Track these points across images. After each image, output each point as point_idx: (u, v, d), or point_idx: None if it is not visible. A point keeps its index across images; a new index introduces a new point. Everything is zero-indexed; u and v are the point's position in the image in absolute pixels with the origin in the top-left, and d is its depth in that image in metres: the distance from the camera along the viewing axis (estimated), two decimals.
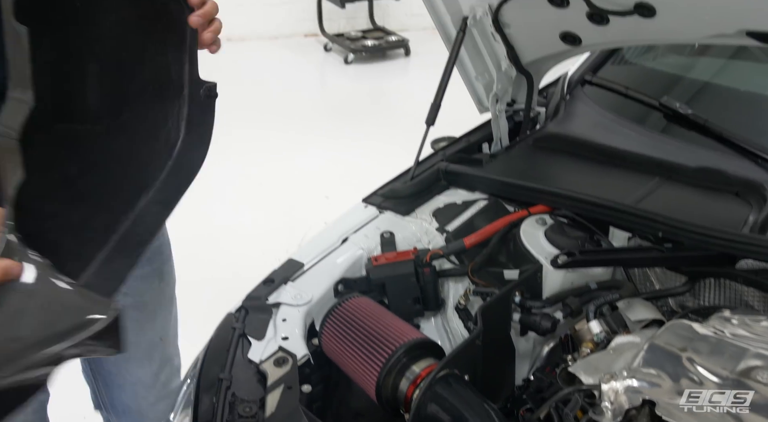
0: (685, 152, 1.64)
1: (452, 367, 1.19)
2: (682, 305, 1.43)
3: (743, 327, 1.19)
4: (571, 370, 1.18)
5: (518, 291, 1.36)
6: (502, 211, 1.62)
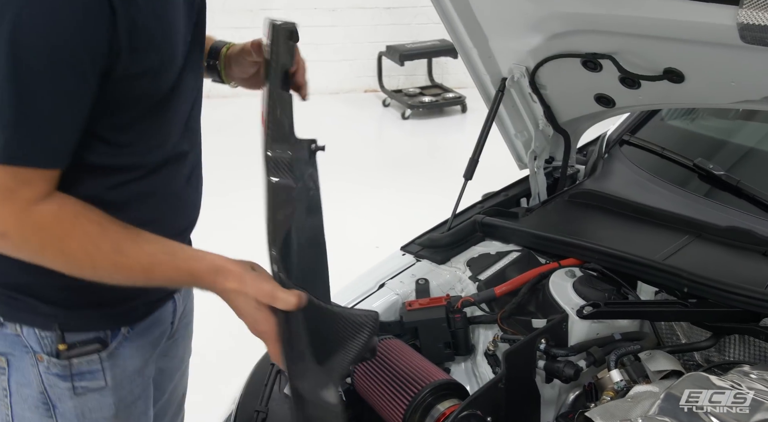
0: (716, 212, 1.69)
1: (475, 408, 1.25)
2: (707, 359, 1.46)
3: (761, 382, 1.22)
4: (588, 415, 1.23)
5: (544, 338, 1.42)
6: (534, 262, 1.69)
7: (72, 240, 1.00)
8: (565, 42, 1.64)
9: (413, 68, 6.92)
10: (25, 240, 0.99)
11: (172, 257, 1.06)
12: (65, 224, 1.00)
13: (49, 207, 0.98)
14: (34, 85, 0.92)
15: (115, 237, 1.03)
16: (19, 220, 0.96)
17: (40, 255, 1.01)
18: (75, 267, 1.02)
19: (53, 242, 1.00)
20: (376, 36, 6.65)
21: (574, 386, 1.49)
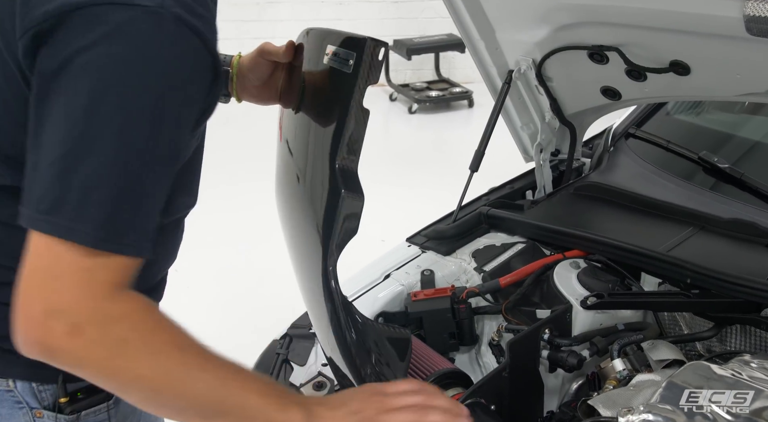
0: (720, 204, 1.70)
1: (479, 396, 1.27)
2: (708, 349, 1.47)
3: (761, 371, 1.23)
4: (591, 403, 1.25)
5: (547, 328, 1.43)
6: (539, 253, 1.70)
7: (159, 335, 0.84)
8: (571, 34, 1.65)
9: (420, 63, 6.93)
10: (103, 335, 0.79)
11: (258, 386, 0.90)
12: (149, 319, 0.84)
13: (129, 296, 0.83)
14: (143, 160, 0.81)
15: (198, 347, 0.88)
16: (97, 309, 0.79)
17: (118, 357, 0.81)
18: (162, 373, 0.83)
19: (141, 336, 0.82)
20: (383, 30, 6.65)
21: (577, 375, 1.51)
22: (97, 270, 0.80)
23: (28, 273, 0.80)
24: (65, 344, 0.78)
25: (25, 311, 0.79)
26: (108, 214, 0.80)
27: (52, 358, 0.80)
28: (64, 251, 0.79)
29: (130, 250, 0.82)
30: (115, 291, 0.81)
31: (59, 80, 0.80)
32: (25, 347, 0.80)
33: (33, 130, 0.83)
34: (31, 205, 0.80)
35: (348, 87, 1.03)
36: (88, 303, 0.79)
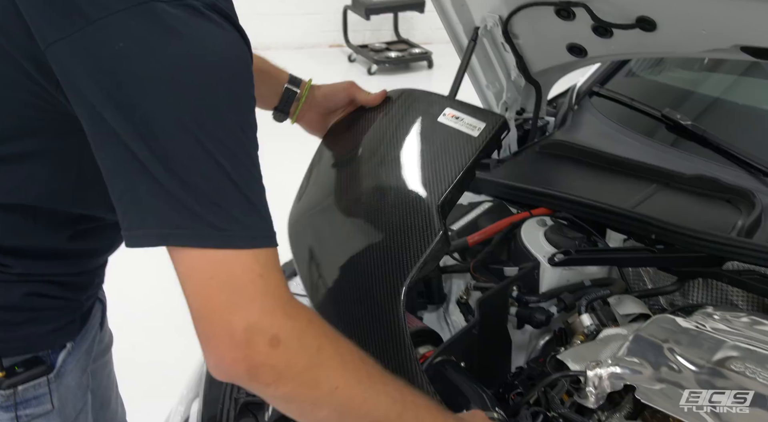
0: (684, 161, 1.71)
1: (449, 354, 1.28)
2: (671, 303, 1.50)
3: (724, 322, 1.26)
4: (560, 358, 1.26)
5: (516, 286, 1.44)
6: (506, 212, 1.70)
7: (341, 342, 0.82)
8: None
9: (379, 23, 6.84)
10: (302, 343, 0.76)
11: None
12: (327, 324, 0.82)
13: (297, 299, 0.81)
14: (246, 150, 0.81)
15: (367, 357, 0.86)
16: (287, 317, 0.76)
17: (316, 367, 0.77)
18: (353, 384, 0.80)
19: (329, 343, 0.80)
20: None
21: (544, 331, 1.52)
22: (267, 273, 0.77)
23: (205, 294, 0.75)
24: (268, 358, 0.74)
25: (225, 332, 0.74)
26: (247, 210, 0.78)
27: (253, 376, 0.76)
28: (232, 260, 0.75)
29: (273, 240, 0.80)
30: (289, 293, 0.79)
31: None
32: (229, 368, 0.76)
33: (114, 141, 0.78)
34: (164, 221, 0.76)
35: (468, 147, 1.28)
36: (277, 311, 0.76)
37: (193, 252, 0.76)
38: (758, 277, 1.33)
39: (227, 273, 0.75)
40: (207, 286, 0.75)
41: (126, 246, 0.80)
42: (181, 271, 0.78)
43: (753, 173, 1.60)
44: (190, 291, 0.77)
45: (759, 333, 1.21)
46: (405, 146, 1.34)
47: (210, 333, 0.76)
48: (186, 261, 0.77)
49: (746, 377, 1.11)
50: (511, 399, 1.29)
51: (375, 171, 1.36)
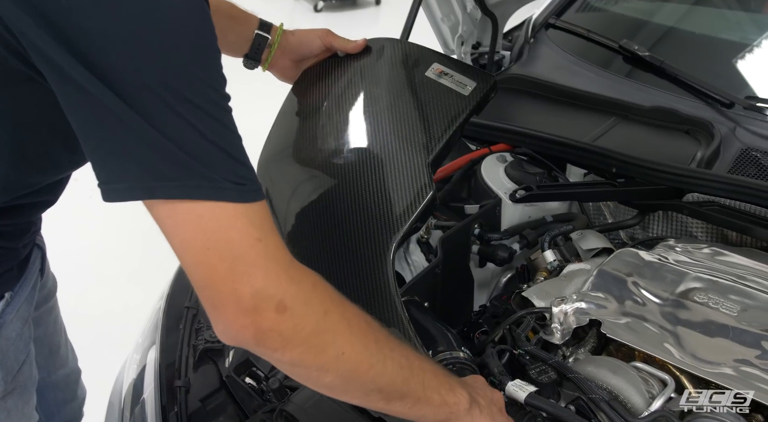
0: (641, 93, 1.69)
1: (413, 294, 1.25)
2: (632, 237, 1.50)
3: (686, 254, 1.26)
4: (525, 295, 1.25)
5: (477, 224, 1.42)
6: (465, 148, 1.67)
7: (347, 306, 0.79)
8: None
9: None
10: (308, 307, 0.73)
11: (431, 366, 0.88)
12: (331, 287, 0.78)
13: (298, 262, 0.76)
14: (221, 105, 0.75)
15: (373, 321, 0.84)
16: (292, 280, 0.73)
17: (324, 331, 0.75)
18: (361, 349, 0.78)
19: (335, 306, 0.77)
20: None
21: (506, 269, 1.51)
22: (265, 236, 0.73)
23: (206, 265, 0.71)
24: (275, 324, 0.71)
25: (232, 300, 0.71)
26: (232, 164, 0.73)
27: (260, 341, 0.72)
28: (226, 221, 0.71)
29: (262, 193, 0.75)
30: (290, 256, 0.75)
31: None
32: (237, 334, 0.72)
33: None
34: (149, 172, 0.70)
35: (460, 105, 1.23)
36: (281, 276, 0.72)
37: (181, 206, 0.71)
38: (718, 208, 1.33)
39: (225, 241, 0.71)
40: (206, 257, 0.71)
41: (103, 201, 0.73)
42: (168, 229, 0.72)
43: (710, 103, 1.59)
44: (189, 261, 0.72)
45: (720, 263, 1.22)
46: (390, 99, 1.27)
47: (217, 301, 0.72)
48: (173, 217, 0.71)
49: (709, 307, 1.12)
50: (476, 337, 1.28)
51: (359, 124, 1.27)
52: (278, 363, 0.77)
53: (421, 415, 0.85)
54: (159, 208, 0.72)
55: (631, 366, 1.07)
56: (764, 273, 1.17)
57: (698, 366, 1.03)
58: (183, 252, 0.73)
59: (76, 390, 1.46)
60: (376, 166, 1.17)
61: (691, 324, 1.09)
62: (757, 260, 1.21)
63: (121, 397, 1.30)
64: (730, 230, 1.34)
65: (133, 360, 1.35)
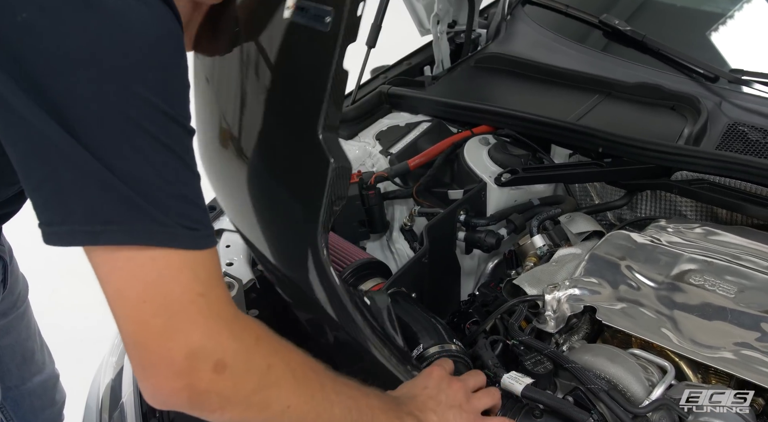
0: (624, 69, 1.66)
1: (399, 285, 1.20)
2: (620, 218, 1.47)
3: (678, 235, 1.23)
4: (516, 283, 1.21)
5: (462, 209, 1.37)
6: (446, 132, 1.62)
7: (293, 355, 0.75)
8: None
9: None
10: (250, 364, 0.69)
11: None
12: (276, 338, 0.74)
13: (241, 312, 0.72)
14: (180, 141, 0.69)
15: (318, 365, 0.80)
16: (233, 337, 0.68)
17: (266, 387, 0.70)
18: (306, 399, 0.74)
19: (279, 358, 0.72)
20: None
21: (493, 255, 1.48)
22: (208, 290, 0.67)
23: (139, 319, 0.64)
24: (213, 385, 0.66)
25: (163, 361, 0.65)
26: (185, 204, 0.67)
27: (196, 404, 0.67)
28: (175, 269, 0.65)
29: (214, 239, 0.69)
30: (234, 309, 0.69)
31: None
32: (168, 398, 0.67)
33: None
34: (93, 215, 0.64)
35: (326, 48, 0.86)
36: (222, 333, 0.67)
37: (121, 253, 0.64)
38: (708, 186, 1.30)
39: (164, 294, 0.65)
40: (139, 311, 0.65)
41: (45, 244, 0.67)
42: (102, 275, 0.66)
43: (695, 78, 1.56)
44: (120, 313, 0.66)
45: (714, 243, 1.19)
46: (260, 66, 1.03)
47: (146, 361, 0.66)
48: (110, 262, 0.65)
49: (706, 290, 1.09)
50: (467, 328, 1.25)
51: (239, 120, 1.10)
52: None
53: None
54: (97, 252, 0.66)
55: (629, 353, 1.04)
56: (759, 252, 1.15)
57: (697, 351, 1.00)
58: (115, 303, 0.66)
59: (54, 395, 1.40)
60: (271, 161, 1.04)
61: (688, 308, 1.06)
62: (750, 238, 1.18)
63: (99, 401, 1.24)
64: (721, 208, 1.31)
65: (110, 364, 1.29)
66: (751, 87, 1.52)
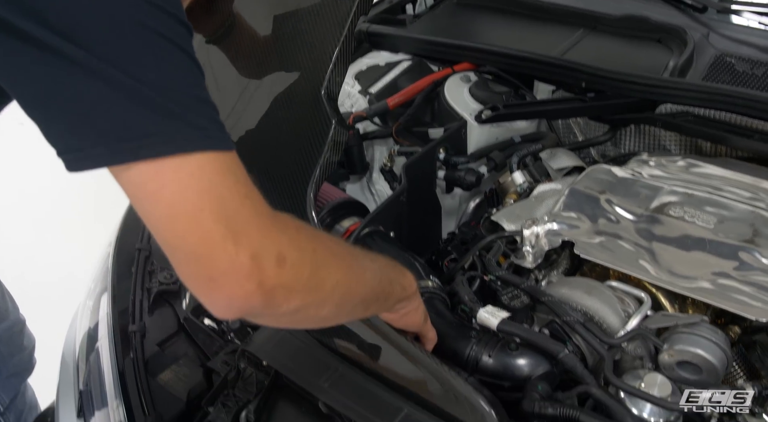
0: (609, 1, 1.61)
1: (377, 224, 1.18)
2: (603, 154, 1.44)
3: (660, 168, 1.21)
4: (494, 219, 1.19)
5: (442, 148, 1.35)
6: (427, 70, 1.58)
7: (325, 237, 0.78)
8: None
9: None
10: (302, 252, 0.70)
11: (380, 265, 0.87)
12: (304, 224, 0.74)
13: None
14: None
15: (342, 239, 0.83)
16: (281, 230, 0.68)
17: (318, 269, 0.72)
18: (346, 273, 0.77)
19: (319, 241, 0.74)
20: None
21: (474, 194, 1.45)
22: (250, 191, 0.67)
23: (200, 230, 0.62)
24: (279, 278, 0.67)
25: (233, 267, 0.64)
26: (209, 105, 0.65)
27: (269, 301, 0.67)
28: (219, 173, 0.64)
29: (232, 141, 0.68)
30: (268, 205, 0.69)
31: None
32: (244, 303, 0.66)
33: None
34: (129, 129, 0.61)
35: (339, 11, 0.96)
36: (272, 229, 0.67)
37: (167, 165, 0.61)
38: (692, 118, 1.27)
39: (218, 201, 0.64)
40: (200, 220, 0.63)
41: (71, 171, 0.63)
42: (149, 194, 0.62)
43: (683, 9, 1.51)
44: (179, 229, 0.63)
45: (696, 176, 1.17)
46: (277, 25, 1.10)
47: (215, 271, 0.64)
48: (157, 179, 0.62)
49: (685, 221, 1.07)
50: (445, 266, 1.23)
51: (261, 67, 1.15)
52: (280, 317, 0.72)
53: (387, 307, 0.88)
54: (137, 171, 0.61)
55: (605, 285, 1.02)
56: (741, 183, 1.13)
57: (675, 281, 0.98)
58: (169, 221, 0.63)
59: (22, 340, 1.39)
60: (284, 109, 1.08)
61: (667, 240, 1.05)
62: (733, 170, 1.16)
63: (75, 345, 1.24)
64: (705, 140, 1.29)
65: (86, 307, 1.28)
66: (740, 16, 1.47)
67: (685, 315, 0.96)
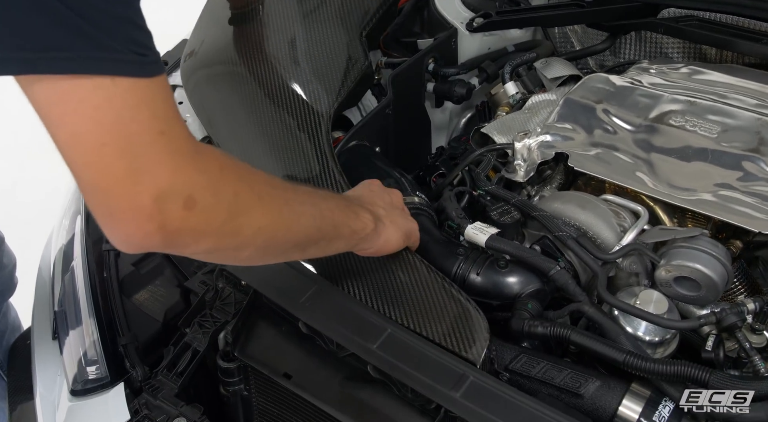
0: None
1: (362, 138, 1.12)
2: (601, 64, 1.37)
3: (660, 76, 1.14)
4: (484, 131, 1.13)
5: (431, 58, 1.27)
6: None
7: (255, 177, 0.73)
8: None
9: None
10: (218, 196, 0.66)
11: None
12: (237, 162, 0.71)
13: (200, 142, 0.67)
14: None
15: (279, 179, 0.79)
16: (198, 170, 0.64)
17: (237, 215, 0.68)
18: (275, 217, 0.73)
19: (245, 184, 0.69)
20: None
21: (465, 108, 1.39)
22: (169, 126, 0.62)
23: (100, 164, 0.58)
24: (185, 222, 0.63)
25: (132, 206, 0.60)
26: (135, 27, 0.60)
27: (170, 243, 0.64)
28: (132, 106, 0.59)
29: (162, 68, 0.62)
30: (194, 142, 0.65)
31: None
32: (141, 242, 0.63)
33: None
34: (32, 39, 0.55)
35: None
36: (187, 168, 0.63)
37: (74, 90, 0.56)
38: (696, 22, 1.19)
39: (125, 135, 0.59)
40: (101, 154, 0.58)
41: None
42: (54, 118, 0.58)
43: None
44: (78, 160, 0.59)
45: (699, 83, 1.10)
46: None
47: (113, 208, 0.61)
48: (62, 103, 0.57)
49: (686, 131, 1.01)
50: (433, 181, 1.18)
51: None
52: (192, 255, 0.69)
53: (334, 250, 0.85)
54: (43, 90, 0.57)
55: (600, 199, 0.97)
56: (746, 90, 1.06)
57: (673, 193, 0.93)
58: (71, 148, 0.59)
59: (1, 258, 1.35)
60: (308, 45, 1.12)
61: (666, 151, 0.99)
62: (738, 76, 1.09)
63: (51, 264, 1.20)
64: (710, 46, 1.21)
65: (63, 227, 1.23)
66: None
67: (684, 229, 0.91)
